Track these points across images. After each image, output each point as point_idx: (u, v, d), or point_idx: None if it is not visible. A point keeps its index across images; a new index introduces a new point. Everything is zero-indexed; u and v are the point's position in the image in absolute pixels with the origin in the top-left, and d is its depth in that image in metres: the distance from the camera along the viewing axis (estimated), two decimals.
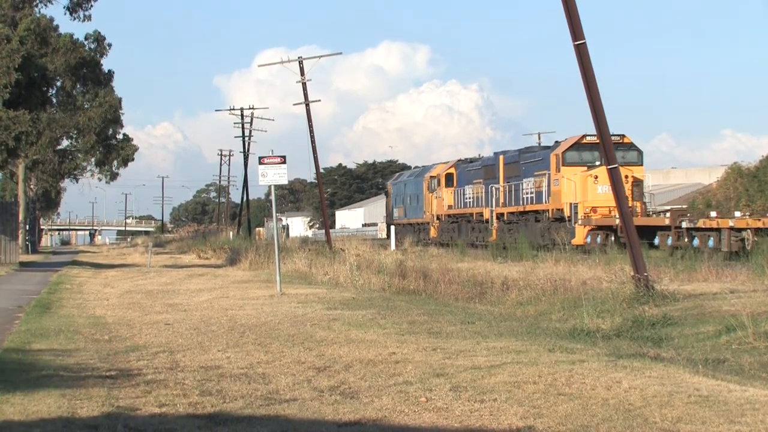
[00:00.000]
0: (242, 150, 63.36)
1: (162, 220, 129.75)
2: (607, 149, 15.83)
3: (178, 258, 42.75)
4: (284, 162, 18.62)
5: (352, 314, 14.23)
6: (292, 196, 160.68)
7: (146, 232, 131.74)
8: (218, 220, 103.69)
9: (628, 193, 31.70)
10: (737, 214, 26.34)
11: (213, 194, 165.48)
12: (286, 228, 75.98)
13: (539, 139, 76.57)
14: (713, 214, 26.58)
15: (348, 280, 21.34)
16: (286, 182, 19.01)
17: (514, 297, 17.73)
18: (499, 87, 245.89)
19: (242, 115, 63.80)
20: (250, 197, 75.02)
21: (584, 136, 33.30)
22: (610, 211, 31.08)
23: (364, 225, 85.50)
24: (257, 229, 74.91)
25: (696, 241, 25.47)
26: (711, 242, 24.75)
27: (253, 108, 64.16)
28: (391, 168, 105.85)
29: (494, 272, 21.94)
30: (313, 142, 39.12)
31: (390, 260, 24.83)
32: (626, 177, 31.11)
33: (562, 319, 14.61)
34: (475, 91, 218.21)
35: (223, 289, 20.37)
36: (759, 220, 23.71)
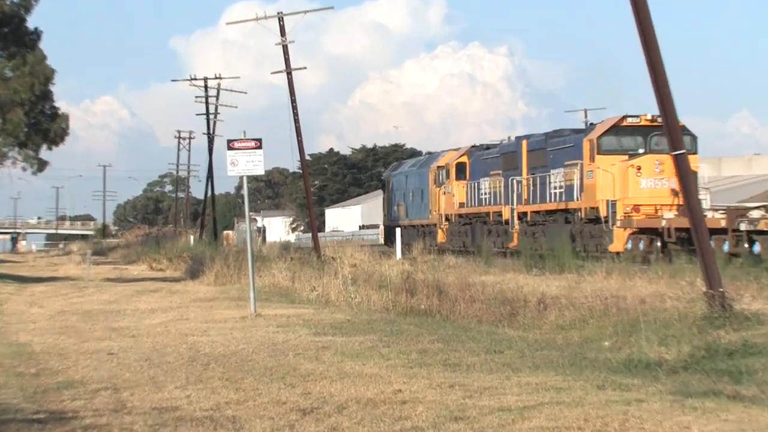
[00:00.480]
0: (206, 131, 63.47)
1: (104, 220, 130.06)
2: (671, 127, 15.86)
3: (124, 269, 42.82)
4: (260, 147, 18.65)
5: (347, 341, 14.24)
6: (270, 191, 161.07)
7: (84, 236, 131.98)
8: (175, 220, 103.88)
9: (677, 186, 31.19)
10: None
11: (169, 188, 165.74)
12: (262, 231, 76.10)
13: (585, 117, 76.73)
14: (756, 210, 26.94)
15: (341, 297, 21.36)
16: (262, 172, 19.04)
17: (554, 319, 17.74)
18: (534, 50, 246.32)
19: (206, 87, 63.88)
20: (216, 192, 75.14)
21: (625, 117, 33.58)
22: (656, 210, 31.50)
23: (362, 227, 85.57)
24: (225, 232, 74.99)
25: (757, 247, 25.63)
26: None
27: (220, 77, 64.27)
28: (396, 154, 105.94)
29: (528, 287, 21.94)
30: (296, 121, 39.19)
31: (395, 272, 24.85)
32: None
33: (614, 347, 14.61)
34: (503, 56, 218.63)
35: (182, 309, 20.40)
36: None
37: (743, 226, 26.07)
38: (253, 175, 19.03)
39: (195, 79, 63.68)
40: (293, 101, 39.14)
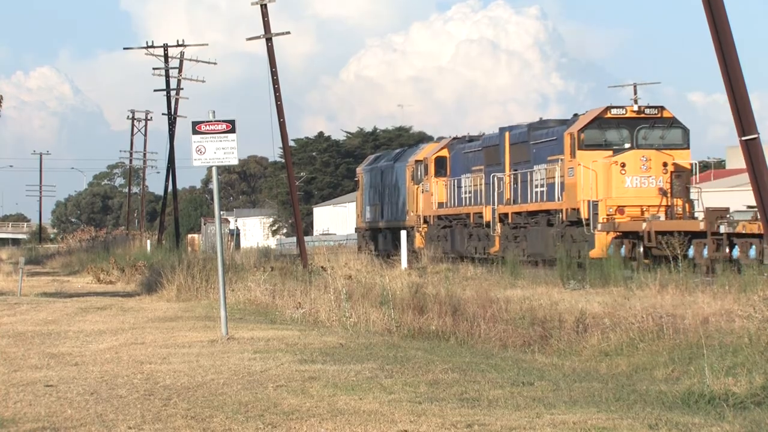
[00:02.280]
0: (166, 112, 63.52)
1: (40, 221, 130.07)
2: (741, 107, 15.88)
3: (65, 281, 42.86)
4: (233, 130, 18.66)
5: (340, 370, 14.26)
6: (245, 184, 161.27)
7: (15, 241, 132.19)
8: (128, 221, 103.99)
9: (665, 185, 34.93)
10: None
11: (120, 181, 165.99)
12: (235, 234, 76.09)
13: (635, 92, 77.12)
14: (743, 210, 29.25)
15: (333, 316, 21.38)
16: (235, 162, 19.03)
17: (596, 343, 17.75)
18: (571, 12, 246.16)
19: (166, 56, 63.92)
20: (179, 186, 75.20)
21: (608, 108, 36.22)
22: (642, 212, 34.12)
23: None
24: (190, 235, 75.07)
25: (736, 251, 28.21)
26: (752, 252, 27.42)
27: (183, 45, 64.33)
28: (401, 140, 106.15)
29: (564, 304, 21.95)
30: (278, 99, 39.23)
31: (400, 285, 24.85)
32: (665, 164, 34.88)
33: (670, 377, 14.62)
34: (534, 19, 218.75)
35: (137, 330, 20.42)
36: None
37: (723, 228, 28.47)
38: (224, 165, 19.03)
39: (152, 46, 63.71)
40: (274, 74, 39.16)
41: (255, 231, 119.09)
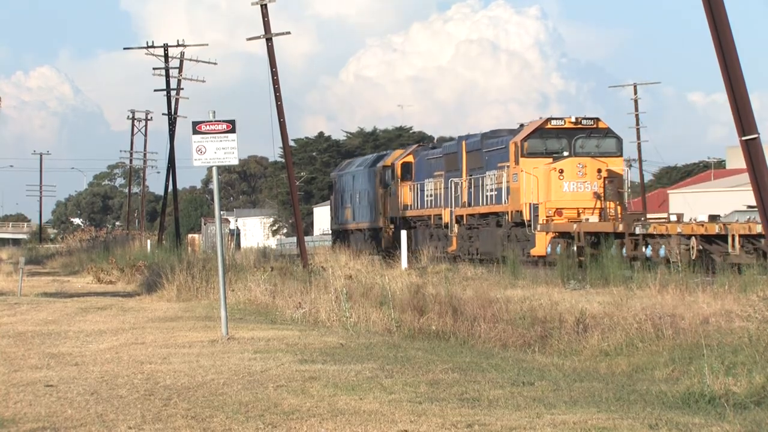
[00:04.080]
0: (166, 112, 63.52)
1: (40, 221, 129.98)
2: (741, 108, 15.86)
3: (65, 281, 42.84)
4: (233, 130, 18.67)
5: (341, 370, 14.27)
6: (245, 184, 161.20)
7: (15, 241, 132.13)
8: (128, 221, 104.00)
9: (599, 190, 38.33)
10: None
11: (120, 181, 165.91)
12: (235, 234, 76.10)
13: (635, 92, 77.07)
14: (674, 217, 32.67)
15: (333, 316, 21.40)
16: (235, 162, 19.03)
17: (596, 343, 17.76)
18: (571, 12, 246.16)
19: (166, 56, 63.84)
20: (179, 186, 75.21)
21: (549, 120, 39.57)
22: (578, 214, 37.77)
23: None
24: (190, 235, 75.01)
25: (649, 250, 31.61)
26: (662, 250, 30.66)
27: (183, 45, 64.28)
28: (401, 140, 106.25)
29: (564, 304, 21.97)
30: (278, 99, 39.21)
31: (400, 285, 24.87)
32: (599, 171, 38.25)
33: (670, 377, 14.63)
34: (534, 19, 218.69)
35: (137, 330, 20.43)
36: (702, 225, 29.89)
37: (638, 230, 32.09)
38: (225, 165, 19.03)
39: (152, 46, 63.59)
40: (274, 74, 39.15)
41: (255, 231, 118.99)
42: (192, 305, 26.33)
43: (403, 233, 42.92)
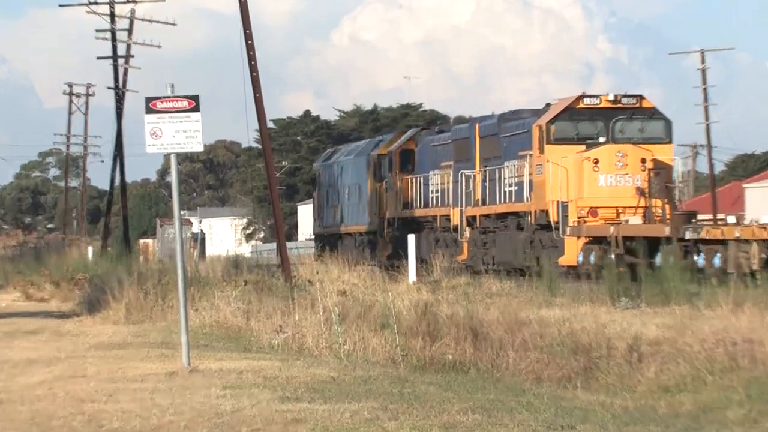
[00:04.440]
0: (113, 85, 63.55)
1: None
2: None
3: None
4: (196, 108, 18.67)
5: (332, 410, 14.27)
6: (212, 177, 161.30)
7: None
8: (65, 223, 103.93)
9: (643, 184, 38.44)
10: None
11: (55, 173, 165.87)
12: (200, 239, 76.25)
13: (702, 61, 77.13)
14: (731, 219, 33.65)
15: (323, 342, 21.40)
16: (200, 149, 19.04)
17: (653, 376, 17.75)
18: None
19: (112, 15, 63.86)
20: (129, 179, 75.04)
21: (581, 97, 40.26)
22: (617, 214, 38.07)
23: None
24: (143, 241, 75.25)
25: (702, 259, 31.93)
26: (717, 259, 31.00)
27: (134, 1, 64.28)
28: (408, 120, 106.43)
29: (614, 327, 21.95)
30: (253, 68, 39.21)
31: (407, 303, 24.85)
32: (643, 160, 38.62)
33: (747, 418, 14.61)
34: None
35: (76, 360, 20.43)
36: (765, 228, 30.26)
37: (689, 234, 32.38)
38: (186, 152, 19.05)
39: (95, 2, 63.63)
40: (248, 37, 39.15)
41: (225, 235, 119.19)
42: (145, 328, 26.34)
43: (411, 238, 42.99)
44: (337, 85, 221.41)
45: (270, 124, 52.74)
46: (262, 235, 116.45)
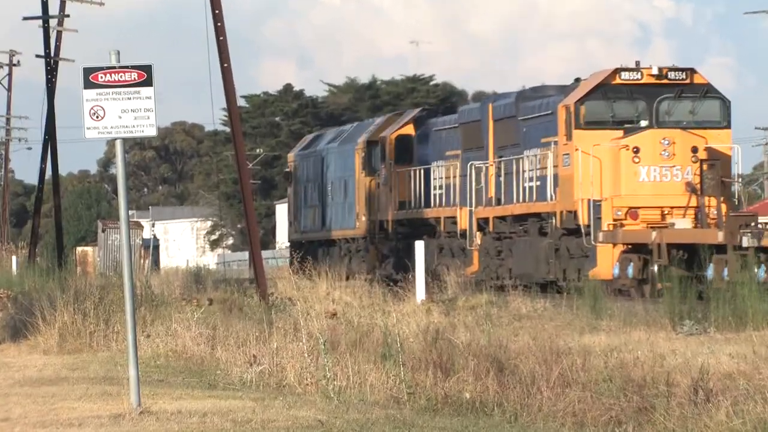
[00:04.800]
0: (43, 53, 63.59)
1: None
2: None
3: None
4: (148, 82, 18.71)
5: None
6: (168, 168, 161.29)
7: None
8: None
9: (694, 178, 38.82)
10: None
11: None
12: (152, 247, 76.27)
13: None
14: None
15: (308, 377, 21.44)
16: (153, 133, 19.10)
17: (724, 419, 17.76)
18: None
19: None
20: (64, 170, 74.71)
21: (618, 71, 40.32)
22: (662, 216, 38.50)
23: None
24: (80, 248, 75.25)
25: (763, 272, 32.33)
26: None
27: None
28: (415, 98, 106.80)
29: (674, 358, 21.98)
30: (219, 31, 39.23)
31: (413, 328, 24.86)
32: (694, 149, 38.96)
33: None
34: None
35: None
36: None
37: (746, 241, 32.53)
38: (136, 137, 19.09)
39: None
40: None
41: (184, 242, 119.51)
42: (83, 359, 26.38)
43: (419, 246, 43.17)
44: (325, 52, 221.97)
45: (241, 102, 52.81)
46: (231, 241, 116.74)
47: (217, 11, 39.02)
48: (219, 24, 39.13)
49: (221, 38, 39.17)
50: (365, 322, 26.82)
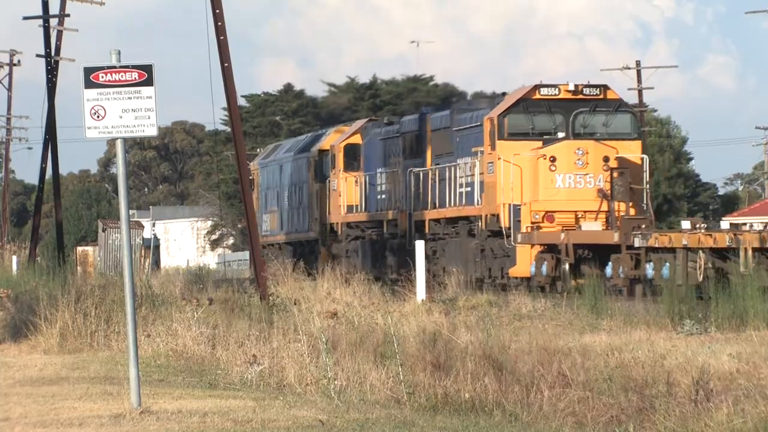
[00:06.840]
0: (44, 53, 63.57)
1: None
2: None
3: None
4: (149, 82, 18.70)
5: None
6: (168, 167, 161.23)
7: None
8: None
9: (605, 185, 41.88)
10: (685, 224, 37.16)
11: None
12: (153, 247, 76.22)
13: None
14: (685, 224, 36.62)
15: (309, 376, 21.45)
16: (153, 133, 19.09)
17: (724, 419, 17.75)
18: None
19: None
20: (64, 170, 74.78)
21: (538, 87, 43.81)
22: (576, 219, 41.97)
23: None
24: (81, 248, 75.14)
25: (650, 270, 35.35)
26: (666, 270, 33.88)
27: None
28: (416, 97, 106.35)
29: (674, 358, 21.98)
30: (219, 31, 39.22)
31: (413, 327, 24.87)
32: (606, 159, 42.34)
33: None
34: None
35: None
36: (710, 235, 33.02)
37: (638, 242, 35.43)
38: (136, 137, 19.08)
39: None
40: None
41: (184, 241, 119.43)
42: (84, 359, 26.36)
43: (419, 244, 43.23)
44: (326, 51, 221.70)
45: (241, 102, 53.05)
46: (231, 241, 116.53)
47: (217, 11, 39.01)
48: (219, 23, 39.11)
49: (222, 38, 39.15)
50: (365, 321, 26.85)
